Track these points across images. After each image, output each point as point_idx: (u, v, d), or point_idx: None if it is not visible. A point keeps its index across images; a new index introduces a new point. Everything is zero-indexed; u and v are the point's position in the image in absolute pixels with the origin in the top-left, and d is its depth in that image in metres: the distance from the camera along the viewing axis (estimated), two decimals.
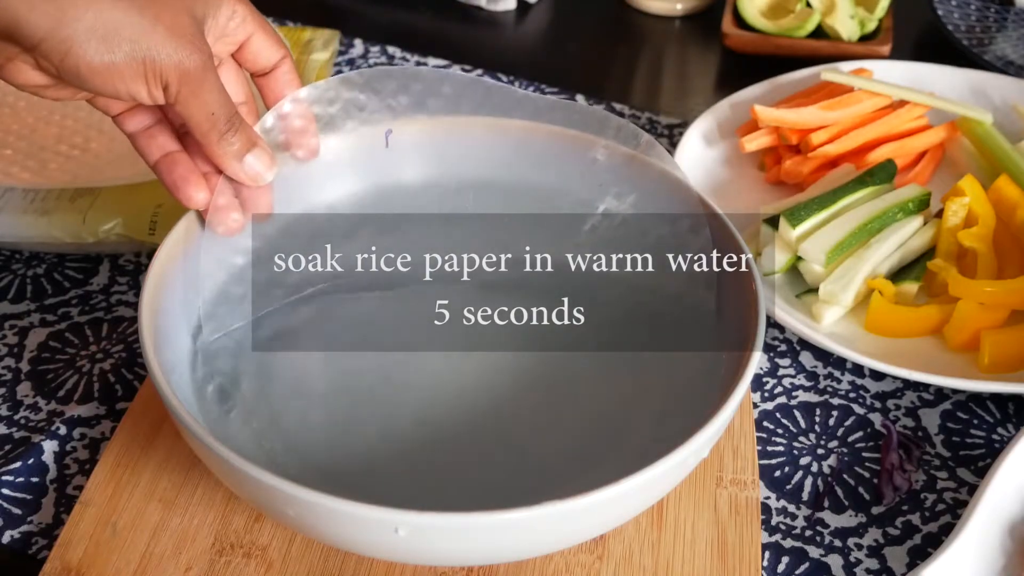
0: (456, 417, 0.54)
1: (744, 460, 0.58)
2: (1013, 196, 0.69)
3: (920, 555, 0.56)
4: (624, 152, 0.59)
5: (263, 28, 0.53)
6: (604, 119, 0.59)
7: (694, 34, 0.97)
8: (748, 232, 0.70)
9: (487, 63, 0.90)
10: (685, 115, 0.86)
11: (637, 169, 0.59)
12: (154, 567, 0.52)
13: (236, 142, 0.50)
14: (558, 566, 0.52)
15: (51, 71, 0.46)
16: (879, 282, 0.65)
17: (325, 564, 0.52)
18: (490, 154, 0.61)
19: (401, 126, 0.60)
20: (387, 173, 0.61)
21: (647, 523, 0.54)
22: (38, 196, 0.69)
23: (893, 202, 0.68)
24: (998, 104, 0.82)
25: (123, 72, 0.46)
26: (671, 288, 0.58)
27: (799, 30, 0.89)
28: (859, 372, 0.65)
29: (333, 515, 0.43)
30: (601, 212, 0.60)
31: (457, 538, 0.44)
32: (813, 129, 0.75)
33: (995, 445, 0.61)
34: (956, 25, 0.93)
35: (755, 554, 0.54)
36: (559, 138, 0.60)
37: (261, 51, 0.53)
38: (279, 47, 0.54)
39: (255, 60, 0.53)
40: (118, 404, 0.61)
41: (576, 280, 0.60)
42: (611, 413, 0.54)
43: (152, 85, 0.47)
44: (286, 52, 0.54)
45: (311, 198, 0.59)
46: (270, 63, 0.54)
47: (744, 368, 0.49)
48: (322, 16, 0.94)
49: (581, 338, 0.58)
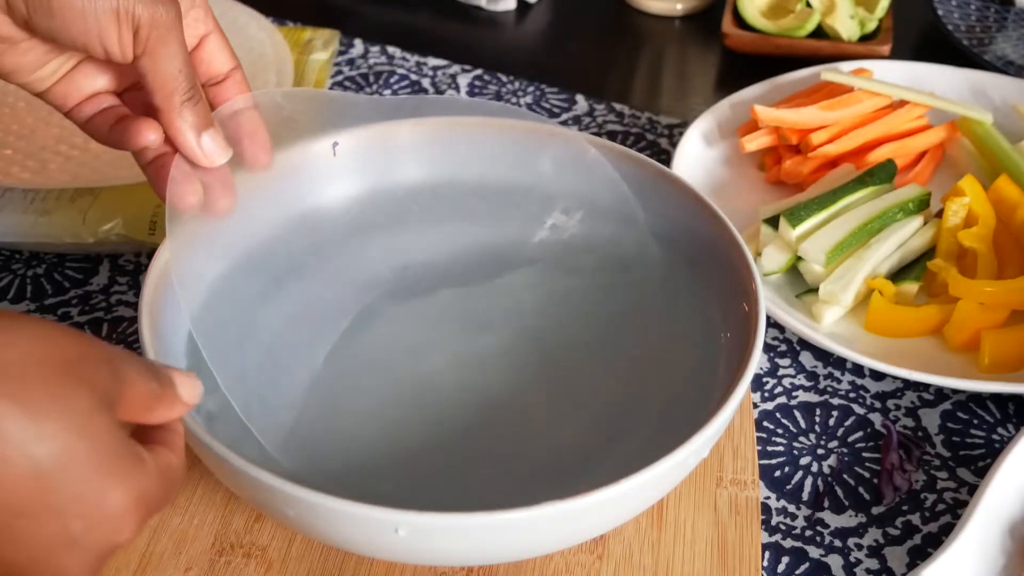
0: (455, 417, 0.54)
1: (744, 460, 0.58)
2: (1013, 196, 0.69)
3: (920, 555, 0.56)
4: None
5: (219, 32, 0.52)
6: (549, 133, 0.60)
7: (694, 34, 0.97)
8: (748, 232, 0.70)
9: (487, 63, 0.90)
10: (685, 115, 0.86)
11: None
12: (154, 567, 0.52)
13: (196, 114, 0.50)
14: (558, 566, 0.52)
15: (21, 12, 0.45)
16: (879, 282, 0.65)
17: (325, 564, 0.52)
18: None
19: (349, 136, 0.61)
20: (389, 174, 0.61)
21: (647, 523, 0.54)
22: (38, 196, 0.69)
23: (893, 202, 0.68)
24: (998, 104, 0.82)
25: (96, 8, 0.45)
26: (671, 288, 0.58)
27: (799, 30, 0.89)
28: (859, 372, 0.65)
29: (333, 515, 0.43)
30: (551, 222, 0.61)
31: (457, 538, 0.44)
32: (813, 129, 0.75)
33: (995, 445, 0.61)
34: (956, 25, 0.93)
35: (755, 554, 0.54)
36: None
37: (215, 55, 0.52)
38: (232, 56, 0.53)
39: (208, 65, 0.53)
40: None
41: (573, 279, 0.60)
42: (611, 413, 0.54)
43: (124, 26, 0.46)
44: (238, 64, 0.54)
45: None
46: (222, 71, 0.53)
47: (744, 368, 0.49)
48: (322, 16, 0.94)
49: (580, 338, 0.58)
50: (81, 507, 0.35)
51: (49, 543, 0.35)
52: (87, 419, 0.35)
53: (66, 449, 0.34)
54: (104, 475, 0.35)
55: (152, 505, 0.37)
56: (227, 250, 0.57)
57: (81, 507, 0.35)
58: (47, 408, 0.33)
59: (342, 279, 0.59)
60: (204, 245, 0.55)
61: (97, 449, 0.35)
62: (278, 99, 0.56)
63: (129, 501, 0.36)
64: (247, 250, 0.58)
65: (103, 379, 0.36)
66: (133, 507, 0.36)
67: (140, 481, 0.36)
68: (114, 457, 0.35)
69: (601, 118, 0.84)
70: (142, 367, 0.39)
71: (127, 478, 0.36)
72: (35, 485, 0.33)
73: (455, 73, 0.89)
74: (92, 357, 0.36)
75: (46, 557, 0.35)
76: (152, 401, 0.39)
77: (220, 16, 0.87)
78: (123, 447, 0.36)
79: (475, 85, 0.87)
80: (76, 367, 0.35)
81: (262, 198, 0.57)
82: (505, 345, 0.58)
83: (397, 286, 0.60)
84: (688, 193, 0.58)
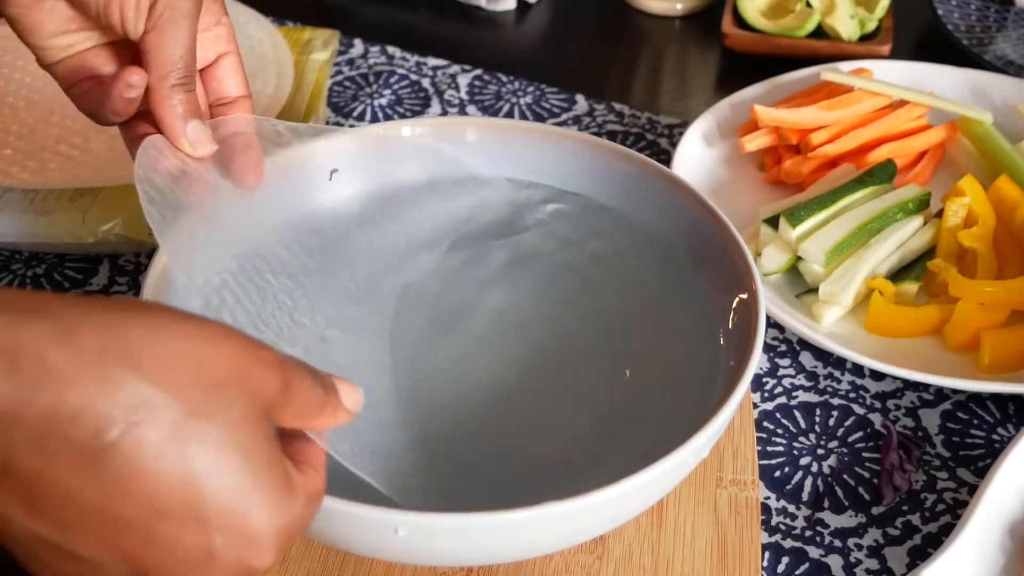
0: (455, 417, 0.54)
1: (744, 460, 0.58)
2: (1013, 196, 0.69)
3: (920, 555, 0.56)
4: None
5: (237, 56, 0.53)
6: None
7: (694, 34, 0.97)
8: (748, 232, 0.70)
9: (487, 63, 0.90)
10: (685, 115, 0.86)
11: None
12: None
13: (186, 100, 0.50)
14: (558, 566, 0.52)
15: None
16: (879, 282, 0.65)
17: (325, 564, 0.52)
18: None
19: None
20: (390, 175, 0.61)
21: (647, 523, 0.54)
22: (38, 196, 0.69)
23: (893, 202, 0.68)
24: (998, 104, 0.82)
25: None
26: (671, 288, 0.58)
27: (799, 30, 0.89)
28: (859, 372, 0.65)
29: (333, 515, 0.43)
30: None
31: (457, 538, 0.44)
32: (813, 129, 0.75)
33: (995, 445, 0.61)
34: (956, 25, 0.93)
35: (755, 554, 0.54)
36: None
37: (229, 77, 0.53)
38: (245, 84, 0.53)
39: (220, 83, 0.53)
40: None
41: (573, 279, 0.60)
42: (611, 413, 0.54)
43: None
44: (249, 94, 0.54)
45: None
46: (231, 95, 0.53)
47: (744, 368, 0.49)
48: (322, 16, 0.94)
49: (580, 338, 0.58)
50: (226, 520, 0.33)
51: (188, 553, 0.33)
52: (246, 429, 0.33)
53: (220, 456, 0.32)
54: (253, 491, 0.33)
55: (296, 532, 0.36)
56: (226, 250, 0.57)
57: (226, 520, 0.33)
58: (210, 410, 0.32)
59: (339, 279, 0.59)
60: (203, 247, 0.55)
61: (250, 462, 0.33)
62: (280, 128, 0.56)
63: (275, 524, 0.34)
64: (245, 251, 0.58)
65: (271, 387, 0.35)
66: (277, 531, 0.34)
67: (289, 506, 0.35)
68: (267, 473, 0.34)
69: (601, 118, 0.84)
70: (309, 373, 0.37)
71: (277, 501, 0.34)
72: (185, 488, 0.32)
73: (455, 73, 0.89)
74: (263, 363, 0.34)
75: (183, 568, 0.33)
76: (318, 408, 0.38)
77: None
78: (277, 466, 0.35)
79: (475, 85, 0.87)
80: (244, 373, 0.34)
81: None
82: (505, 346, 0.58)
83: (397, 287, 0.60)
84: (688, 193, 0.58)
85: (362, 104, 0.85)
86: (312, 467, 0.38)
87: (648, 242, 0.60)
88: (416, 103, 0.85)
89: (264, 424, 0.34)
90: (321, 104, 0.81)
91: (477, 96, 0.86)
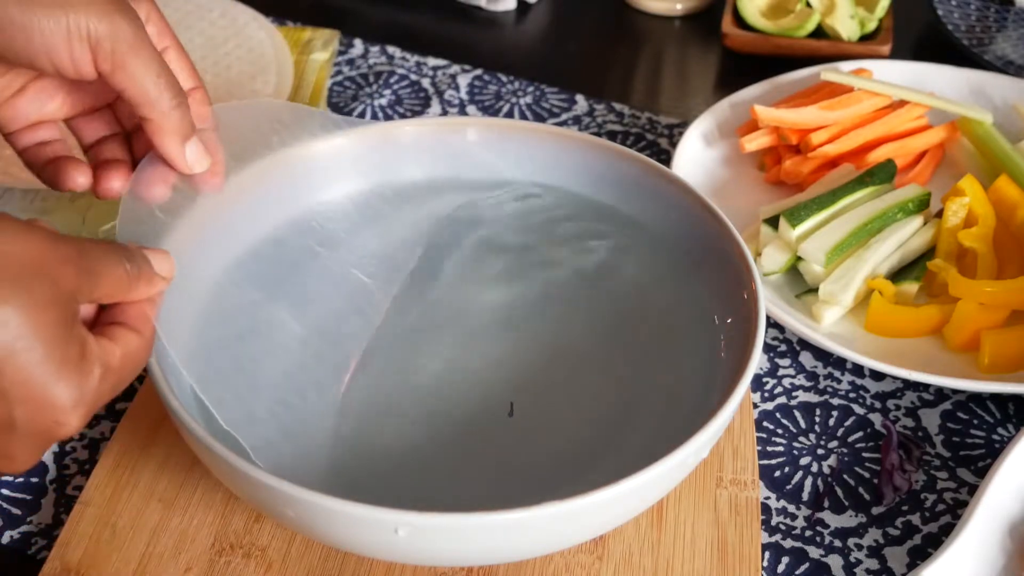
0: (455, 417, 0.54)
1: (744, 460, 0.58)
2: (1013, 196, 0.69)
3: (920, 555, 0.56)
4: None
5: (178, 48, 0.51)
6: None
7: (694, 34, 0.97)
8: (748, 232, 0.70)
9: (487, 63, 0.90)
10: (685, 115, 0.86)
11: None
12: (154, 567, 0.52)
13: (181, 122, 0.49)
14: (558, 566, 0.52)
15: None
16: (879, 282, 0.65)
17: (325, 564, 0.52)
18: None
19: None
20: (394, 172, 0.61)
21: (647, 523, 0.54)
22: (38, 196, 0.69)
23: (893, 202, 0.68)
24: (998, 104, 0.82)
25: (42, 26, 0.44)
26: (671, 288, 0.58)
27: (799, 30, 0.89)
28: (859, 372, 0.65)
29: (333, 515, 0.43)
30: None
31: (457, 538, 0.44)
32: (813, 129, 0.75)
33: (995, 445, 0.61)
34: (956, 25, 0.93)
35: (755, 554, 0.54)
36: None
37: (176, 72, 0.50)
38: (194, 75, 0.52)
39: None
40: (117, 404, 0.61)
41: (574, 280, 0.60)
42: (611, 413, 0.54)
43: (76, 44, 0.45)
44: (201, 84, 0.53)
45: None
46: (184, 88, 0.51)
47: (744, 368, 0.49)
48: (322, 16, 0.94)
49: (580, 339, 0.58)
50: (23, 392, 0.37)
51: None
52: (42, 311, 0.37)
53: (17, 336, 0.36)
54: (50, 366, 0.38)
55: (96, 400, 0.40)
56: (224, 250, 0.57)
57: (23, 392, 0.37)
58: (8, 297, 0.36)
59: (336, 281, 0.59)
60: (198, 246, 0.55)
61: (45, 340, 0.37)
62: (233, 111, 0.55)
63: (71, 395, 0.38)
64: (244, 251, 0.58)
65: (70, 273, 0.39)
66: (75, 401, 0.39)
67: (84, 377, 0.39)
68: (62, 349, 0.38)
69: (601, 118, 0.84)
70: (114, 251, 0.42)
71: (73, 373, 0.38)
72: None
73: (455, 73, 0.89)
74: (60, 255, 0.39)
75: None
76: (131, 281, 0.43)
77: (220, 16, 0.88)
78: (72, 341, 0.39)
79: (475, 85, 0.87)
80: (43, 263, 0.38)
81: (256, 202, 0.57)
82: (505, 346, 0.58)
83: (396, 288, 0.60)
84: (688, 193, 0.58)
85: (362, 104, 0.85)
86: (129, 328, 0.42)
87: (648, 242, 0.60)
88: (416, 103, 0.85)
89: (64, 307, 0.38)
90: (321, 104, 0.81)
91: (477, 96, 0.86)
